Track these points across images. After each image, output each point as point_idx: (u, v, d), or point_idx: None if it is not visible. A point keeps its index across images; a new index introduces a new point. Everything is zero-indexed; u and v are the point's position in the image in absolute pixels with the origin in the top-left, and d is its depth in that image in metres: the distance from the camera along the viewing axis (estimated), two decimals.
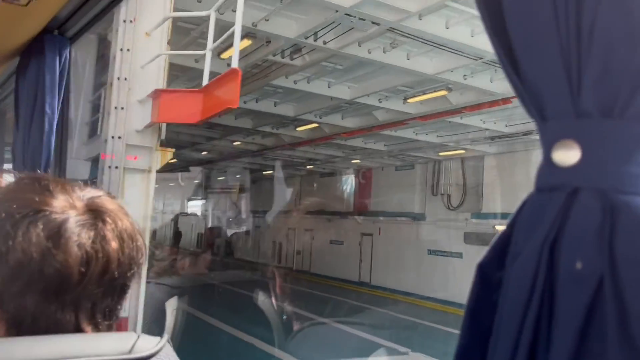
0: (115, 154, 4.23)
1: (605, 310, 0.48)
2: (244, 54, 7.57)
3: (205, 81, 3.86)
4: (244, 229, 23.23)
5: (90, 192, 0.75)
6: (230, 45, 7.35)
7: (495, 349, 0.54)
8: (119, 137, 4.22)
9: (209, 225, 24.49)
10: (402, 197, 16.03)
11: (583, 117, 0.49)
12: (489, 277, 0.57)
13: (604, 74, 0.48)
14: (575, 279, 0.49)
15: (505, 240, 0.55)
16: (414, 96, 10.17)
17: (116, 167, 4.24)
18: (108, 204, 0.75)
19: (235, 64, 3.52)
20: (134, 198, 4.29)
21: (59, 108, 2.47)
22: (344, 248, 18.14)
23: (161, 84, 4.25)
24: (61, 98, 2.45)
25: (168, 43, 4.33)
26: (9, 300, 0.67)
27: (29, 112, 2.44)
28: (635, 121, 0.47)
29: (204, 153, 18.29)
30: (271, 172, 19.95)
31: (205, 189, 23.59)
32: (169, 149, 4.60)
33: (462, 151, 14.01)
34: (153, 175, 4.40)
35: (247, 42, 7.44)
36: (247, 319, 9.73)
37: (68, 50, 2.39)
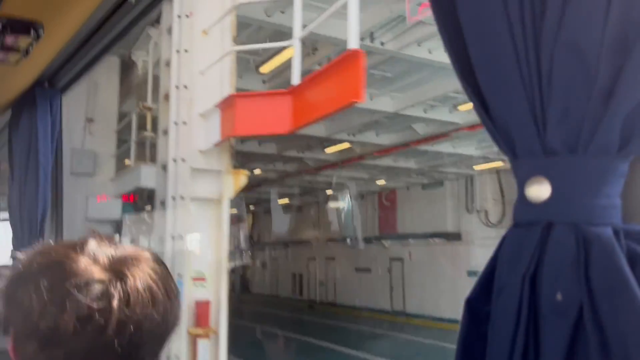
0: (178, 182, 3.38)
1: (587, 337, 0.50)
2: (284, 67, 6.57)
3: (295, 80, 2.96)
4: (259, 261, 22.06)
5: (114, 249, 0.76)
6: (272, 56, 6.60)
7: None
8: (183, 160, 3.35)
9: None
10: (432, 217, 14.87)
11: (550, 154, 0.52)
12: (477, 312, 0.59)
13: (566, 114, 0.51)
14: (557, 310, 0.51)
15: (489, 275, 0.57)
16: (465, 102, 8.72)
17: (181, 198, 3.37)
18: (132, 261, 0.74)
19: (354, 43, 2.64)
20: (203, 234, 3.49)
21: (53, 156, 2.50)
22: (371, 275, 16.65)
23: (226, 91, 3.34)
24: (54, 147, 2.49)
25: (233, 40, 3.34)
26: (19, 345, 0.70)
27: (24, 163, 2.47)
28: (598, 155, 0.50)
29: None
30: (288, 200, 18.62)
31: None
32: (242, 171, 3.64)
33: (501, 163, 12.43)
34: (225, 205, 3.53)
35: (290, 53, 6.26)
36: None
37: (59, 100, 2.44)
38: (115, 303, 0.70)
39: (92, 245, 0.77)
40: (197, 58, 3.20)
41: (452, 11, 0.60)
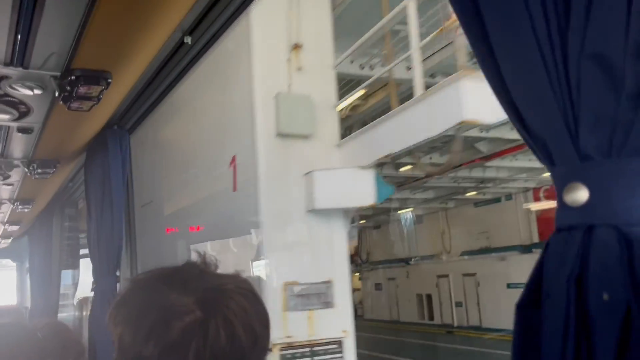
0: None
1: (637, 335, 0.51)
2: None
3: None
4: (370, 283, 18.75)
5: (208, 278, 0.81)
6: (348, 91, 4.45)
7: None
8: None
9: None
10: None
11: (585, 159, 0.54)
12: (528, 317, 0.61)
13: (597, 120, 0.53)
14: (604, 310, 0.53)
15: (536, 280, 0.60)
16: None
17: None
18: (221, 293, 0.80)
19: None
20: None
21: (125, 193, 2.68)
22: None
23: None
24: (125, 183, 2.66)
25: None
26: None
27: (99, 200, 2.65)
28: (632, 157, 0.52)
29: None
30: (404, 209, 14.99)
31: None
32: None
33: None
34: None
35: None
36: None
37: (127, 140, 2.62)
38: (196, 337, 0.76)
39: (185, 274, 0.82)
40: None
41: (482, 30, 0.64)
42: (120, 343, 0.77)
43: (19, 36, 1.41)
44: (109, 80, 1.65)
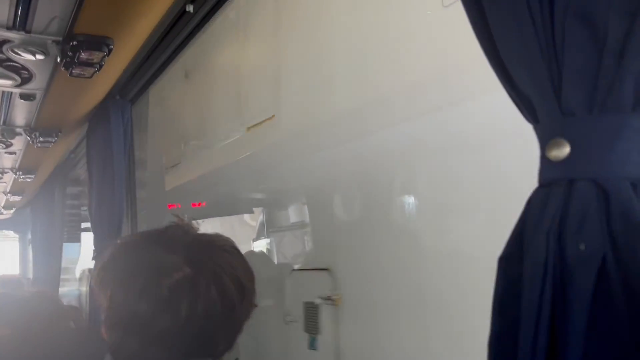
0: None
1: (611, 283, 0.53)
2: None
3: None
4: None
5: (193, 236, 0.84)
6: None
7: (522, 334, 0.60)
8: None
9: None
10: None
11: (567, 116, 0.56)
12: (509, 269, 0.63)
13: (580, 77, 0.55)
14: (581, 260, 0.55)
15: (518, 233, 0.62)
16: None
17: None
18: (208, 249, 0.83)
19: None
20: None
21: (127, 165, 2.70)
22: None
23: None
24: (127, 154, 2.68)
25: None
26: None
27: (100, 172, 2.68)
28: (612, 113, 0.54)
29: None
30: None
31: None
32: None
33: None
34: None
35: None
36: None
37: (130, 110, 2.63)
38: (187, 293, 0.78)
39: (171, 234, 0.85)
40: None
41: None
42: (112, 303, 0.79)
43: (21, 0, 1.41)
44: (111, 46, 1.65)
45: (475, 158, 1.17)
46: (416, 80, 1.13)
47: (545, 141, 0.58)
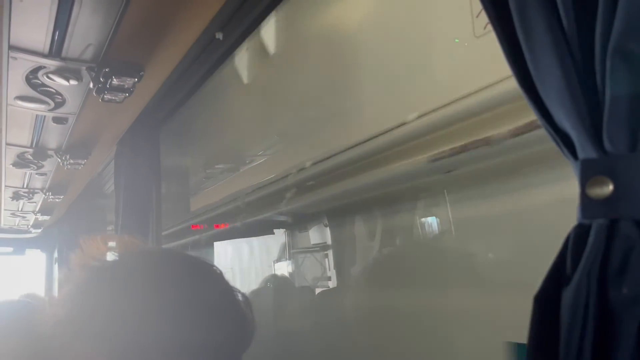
0: None
1: None
2: None
3: None
4: None
5: None
6: None
7: None
8: None
9: None
10: None
11: (610, 153, 0.54)
12: (546, 309, 0.61)
13: (622, 114, 0.53)
14: (624, 304, 0.53)
15: (555, 273, 0.60)
16: None
17: None
18: None
19: None
20: None
21: (153, 187, 2.73)
22: None
23: None
24: (153, 178, 2.72)
25: None
26: None
27: (127, 193, 2.71)
28: None
29: None
30: None
31: None
32: None
33: None
34: None
35: None
36: None
37: (158, 134, 2.67)
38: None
39: None
40: None
41: (510, 25, 0.64)
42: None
43: (58, 28, 1.46)
44: (142, 72, 1.69)
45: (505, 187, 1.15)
46: (446, 114, 1.12)
47: (585, 179, 0.56)
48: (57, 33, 1.47)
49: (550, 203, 0.99)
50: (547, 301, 0.61)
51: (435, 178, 1.36)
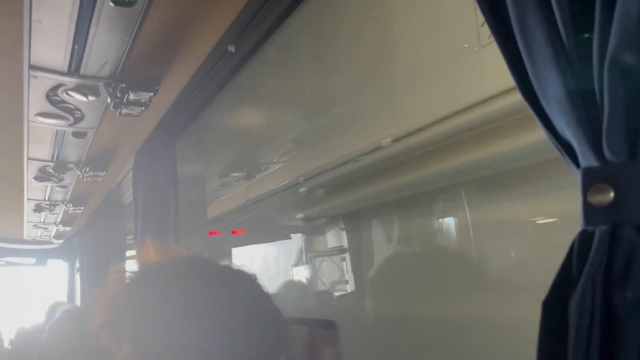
0: None
1: None
2: None
3: None
4: None
5: None
6: None
7: None
8: None
9: None
10: None
11: (611, 160, 0.56)
12: (553, 314, 0.62)
13: (623, 123, 0.55)
14: (628, 309, 0.54)
15: (562, 278, 0.61)
16: None
17: None
18: None
19: None
20: None
21: (171, 196, 2.78)
22: None
23: None
24: (171, 187, 2.77)
25: None
26: None
27: (146, 203, 2.76)
28: None
29: None
30: None
31: None
32: None
33: None
34: None
35: None
36: None
37: (174, 145, 2.72)
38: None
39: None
40: None
41: (512, 38, 0.66)
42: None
43: (76, 47, 1.51)
44: (157, 87, 1.73)
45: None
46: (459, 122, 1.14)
47: (587, 186, 0.58)
48: (75, 52, 1.52)
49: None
50: (554, 306, 0.63)
51: (451, 182, 1.38)
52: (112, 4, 1.26)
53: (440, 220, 1.50)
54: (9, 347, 3.41)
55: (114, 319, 0.79)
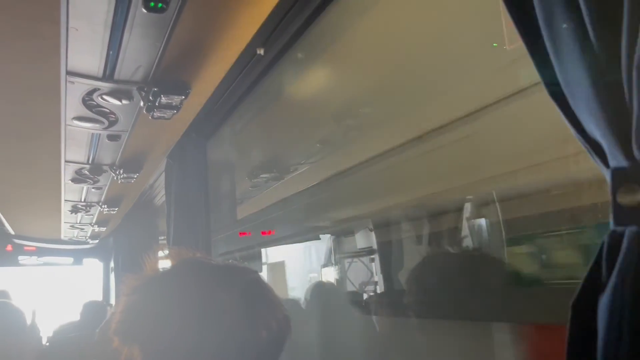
0: None
1: None
2: None
3: None
4: None
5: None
6: None
7: None
8: None
9: None
10: None
11: (638, 162, 0.56)
12: (583, 316, 0.62)
13: None
14: None
15: (591, 279, 0.61)
16: None
17: None
18: None
19: None
20: None
21: (202, 197, 2.82)
22: None
23: None
24: (202, 189, 2.81)
25: None
26: None
27: (178, 204, 2.82)
28: None
29: None
30: None
31: None
32: None
33: None
34: None
35: None
36: None
37: (205, 147, 2.77)
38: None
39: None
40: None
41: (539, 39, 0.66)
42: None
43: (111, 52, 1.55)
44: (188, 90, 1.77)
45: None
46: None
47: (616, 187, 0.58)
48: (109, 57, 1.57)
49: None
50: (583, 307, 0.62)
51: (476, 182, 1.37)
52: (144, 10, 1.30)
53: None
54: (47, 344, 3.52)
55: (122, 324, 0.82)
